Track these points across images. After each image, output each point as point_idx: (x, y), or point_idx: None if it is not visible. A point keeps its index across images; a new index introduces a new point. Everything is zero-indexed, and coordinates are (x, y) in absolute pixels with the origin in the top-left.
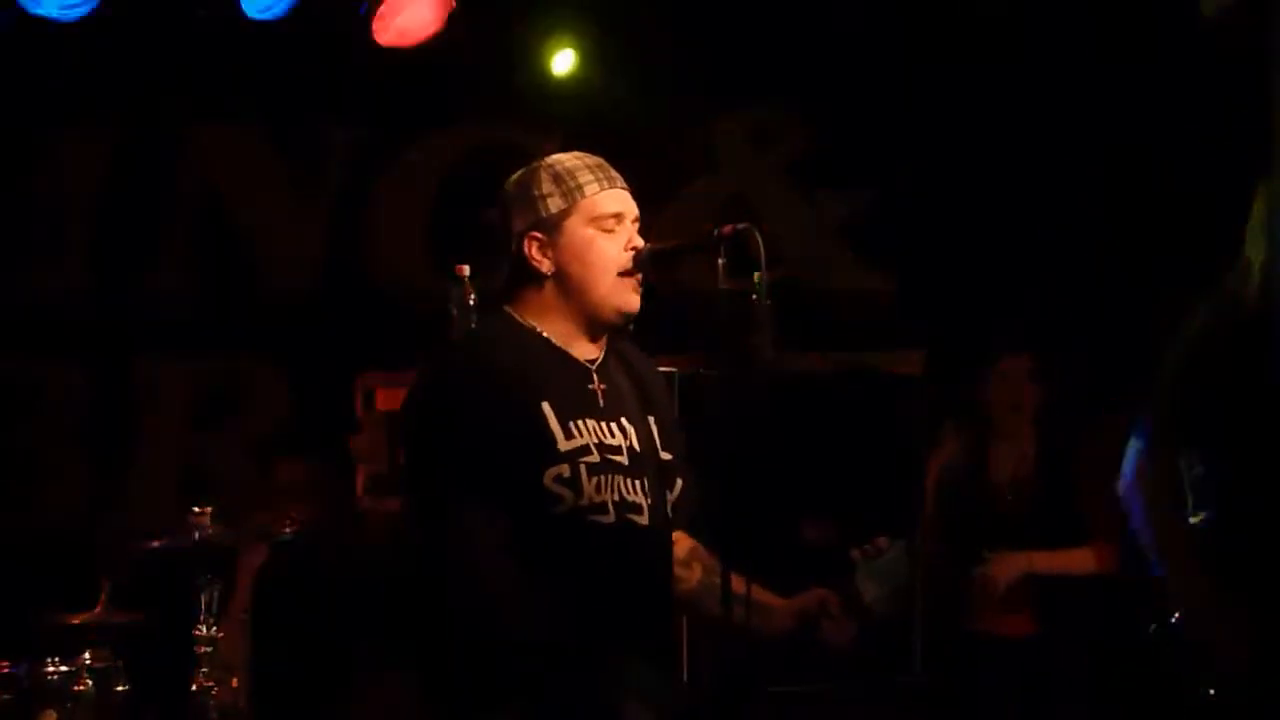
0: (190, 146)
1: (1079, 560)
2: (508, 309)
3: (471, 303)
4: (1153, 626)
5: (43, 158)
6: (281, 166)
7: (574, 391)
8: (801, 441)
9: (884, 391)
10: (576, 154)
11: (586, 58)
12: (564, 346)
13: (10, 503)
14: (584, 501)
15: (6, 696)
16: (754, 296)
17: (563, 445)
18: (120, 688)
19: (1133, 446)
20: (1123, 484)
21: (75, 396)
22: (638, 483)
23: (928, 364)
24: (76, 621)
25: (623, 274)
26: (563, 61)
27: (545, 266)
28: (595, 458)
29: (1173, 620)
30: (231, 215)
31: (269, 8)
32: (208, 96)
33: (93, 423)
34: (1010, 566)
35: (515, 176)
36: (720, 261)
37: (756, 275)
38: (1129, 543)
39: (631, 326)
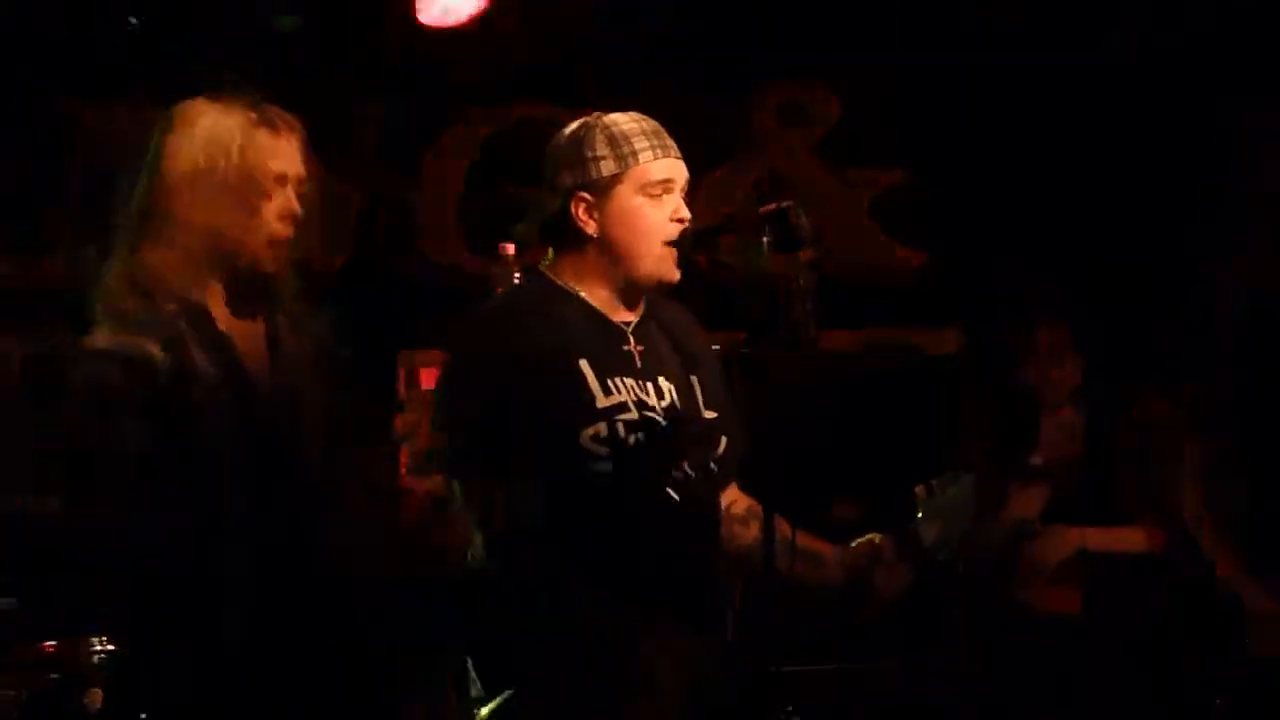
0: None
1: (1131, 538)
2: (543, 268)
3: (516, 281)
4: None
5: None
6: (320, 144)
7: (610, 352)
8: (837, 419)
9: (919, 369)
10: (633, 115)
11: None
12: (600, 308)
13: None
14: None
15: (53, 676)
16: (796, 274)
17: (601, 403)
18: None
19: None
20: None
21: None
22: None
23: (963, 340)
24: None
25: (668, 244)
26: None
27: (590, 228)
28: (634, 415)
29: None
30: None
31: None
32: (242, 74)
33: None
34: (1062, 542)
35: (568, 130)
36: (763, 239)
37: (799, 253)
38: (1178, 524)
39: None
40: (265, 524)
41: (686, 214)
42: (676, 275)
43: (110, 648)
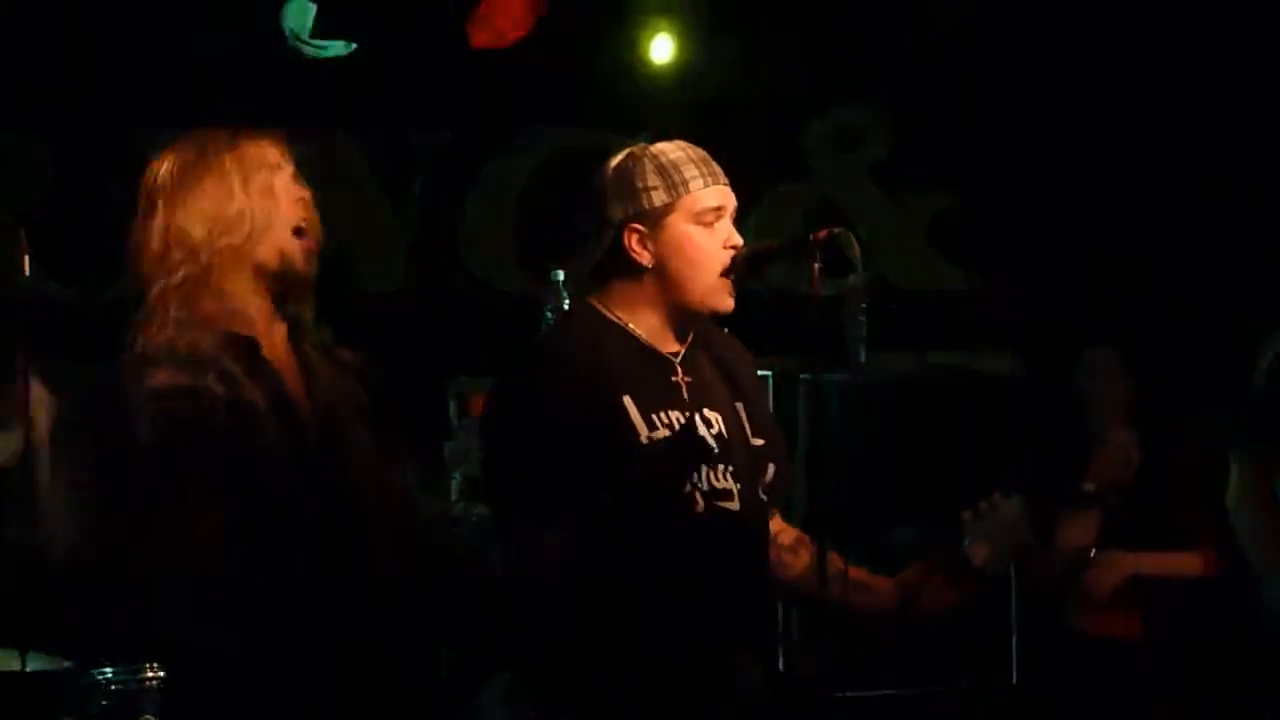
0: None
1: (1186, 564)
2: (593, 301)
3: (566, 306)
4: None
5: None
6: (370, 170)
7: (657, 384)
8: (893, 443)
9: (975, 392)
10: (679, 144)
11: (674, 62)
12: (649, 339)
13: None
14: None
15: (105, 703)
16: (848, 299)
17: (645, 436)
18: None
19: (1233, 465)
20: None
21: None
22: (726, 470)
23: (1018, 363)
24: None
25: (723, 274)
26: (661, 48)
27: (645, 259)
28: None
29: None
30: (322, 220)
31: None
32: (295, 103)
33: None
34: (1116, 568)
35: (615, 162)
36: (815, 265)
37: (852, 278)
38: (1234, 550)
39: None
40: (315, 554)
41: (739, 240)
42: (730, 304)
43: (162, 674)
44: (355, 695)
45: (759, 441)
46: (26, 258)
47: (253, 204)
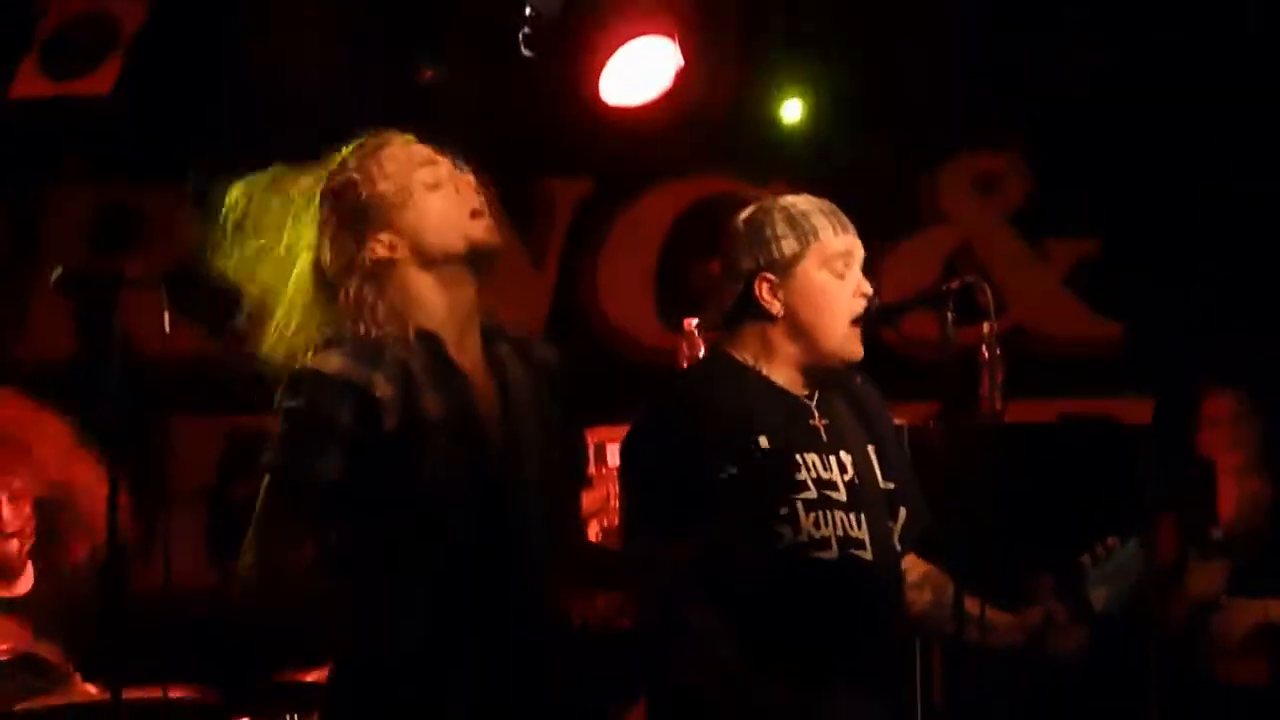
0: None
1: None
2: (726, 349)
3: (700, 356)
4: None
5: None
6: (509, 221)
7: (795, 427)
8: (1031, 494)
9: (1115, 442)
10: (807, 196)
11: (811, 109)
12: (785, 385)
13: None
14: (803, 538)
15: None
16: (983, 348)
17: (782, 479)
18: None
19: None
20: None
21: None
22: (859, 517)
23: (1152, 410)
24: (309, 680)
25: (854, 322)
26: (791, 110)
27: (775, 308)
28: (812, 494)
29: None
30: None
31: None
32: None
33: None
34: (1246, 615)
35: (745, 215)
36: (949, 314)
37: (986, 326)
38: None
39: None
40: (484, 573)
41: (869, 289)
42: (860, 352)
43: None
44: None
45: (889, 485)
46: (166, 314)
47: (423, 199)
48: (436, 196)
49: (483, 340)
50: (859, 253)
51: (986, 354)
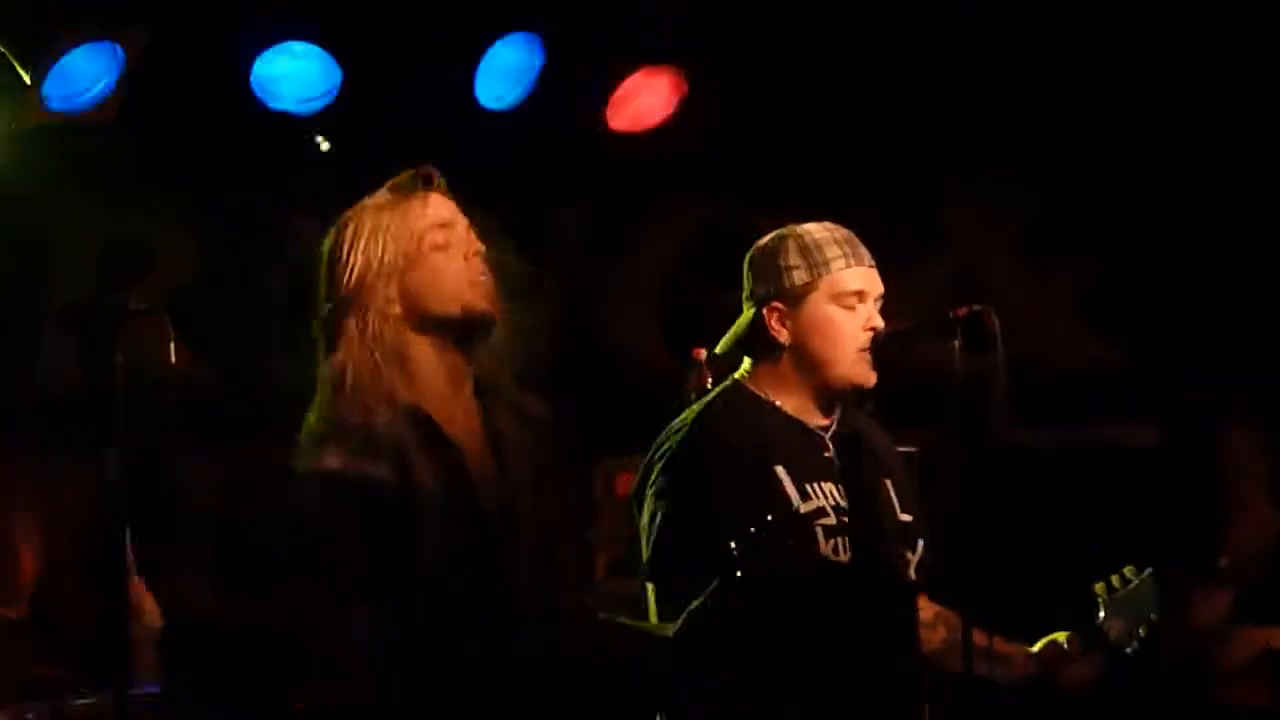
0: None
1: None
2: (738, 379)
3: (708, 386)
4: None
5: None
6: (513, 250)
7: (809, 457)
8: (1036, 519)
9: (1119, 466)
10: (826, 225)
11: (813, 134)
12: (797, 415)
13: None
14: (821, 564)
15: None
16: (989, 376)
17: (799, 508)
18: None
19: None
20: None
21: None
22: (875, 547)
23: (1159, 439)
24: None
25: (860, 350)
26: (792, 135)
27: (783, 337)
28: (831, 520)
29: None
30: None
31: (501, 98)
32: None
33: None
34: (1250, 642)
35: (762, 242)
36: (955, 342)
37: (992, 355)
38: None
39: (869, 405)
40: (482, 637)
41: (879, 323)
42: (873, 379)
43: None
44: None
45: (907, 517)
46: (172, 345)
47: (429, 261)
48: (442, 258)
49: (477, 399)
50: (874, 289)
51: (993, 380)
